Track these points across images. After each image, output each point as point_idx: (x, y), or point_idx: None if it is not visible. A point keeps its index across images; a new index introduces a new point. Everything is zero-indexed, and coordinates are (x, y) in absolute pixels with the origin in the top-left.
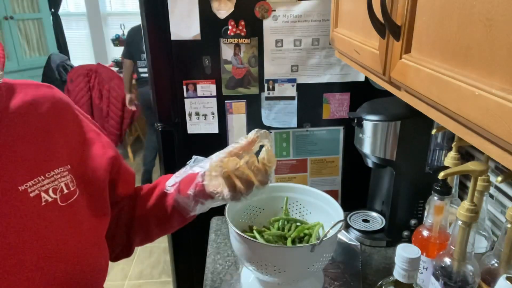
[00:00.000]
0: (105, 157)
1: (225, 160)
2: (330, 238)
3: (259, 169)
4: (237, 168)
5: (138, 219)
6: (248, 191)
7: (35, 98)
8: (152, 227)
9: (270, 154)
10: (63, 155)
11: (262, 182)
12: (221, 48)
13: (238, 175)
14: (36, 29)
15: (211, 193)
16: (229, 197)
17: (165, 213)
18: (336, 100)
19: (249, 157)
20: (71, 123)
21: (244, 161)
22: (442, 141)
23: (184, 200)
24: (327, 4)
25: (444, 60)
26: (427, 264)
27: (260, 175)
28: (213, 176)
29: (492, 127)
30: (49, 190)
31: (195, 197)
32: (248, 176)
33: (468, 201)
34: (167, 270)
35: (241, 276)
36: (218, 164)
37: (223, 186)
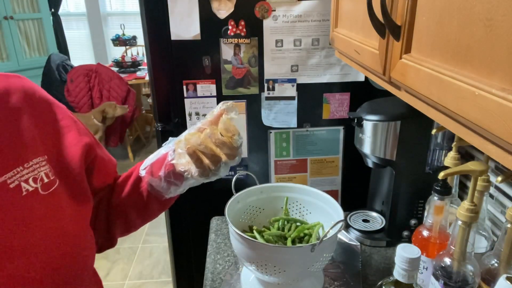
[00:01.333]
0: (79, 144)
1: (185, 137)
2: (330, 238)
3: (223, 142)
4: (199, 143)
5: (115, 208)
6: (217, 167)
7: (5, 89)
8: (131, 215)
9: (227, 123)
10: (39, 146)
11: (229, 156)
12: (221, 48)
13: (202, 150)
14: (36, 29)
15: (180, 172)
16: (197, 174)
17: (142, 199)
18: (336, 100)
19: (210, 129)
20: (44, 112)
21: (204, 134)
22: (442, 141)
23: (157, 183)
24: (327, 4)
25: (444, 60)
26: (427, 264)
27: (226, 148)
28: (180, 154)
29: (492, 127)
30: (29, 180)
31: (166, 178)
32: (212, 150)
33: (468, 201)
34: (167, 270)
35: (241, 276)
36: (182, 140)
37: (190, 163)
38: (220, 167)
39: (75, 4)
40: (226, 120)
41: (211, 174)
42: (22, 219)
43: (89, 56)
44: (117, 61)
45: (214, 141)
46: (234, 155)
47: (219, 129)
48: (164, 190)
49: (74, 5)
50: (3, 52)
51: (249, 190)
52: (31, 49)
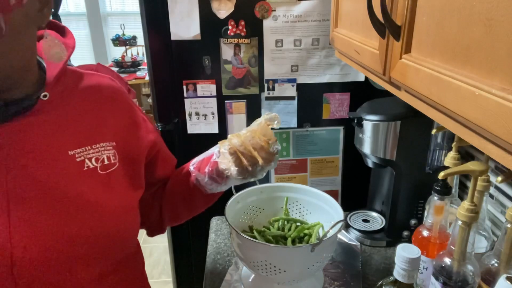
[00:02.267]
0: (145, 140)
1: (229, 138)
2: (330, 238)
3: (260, 145)
4: (240, 144)
5: (167, 197)
6: (254, 169)
7: (98, 84)
8: (178, 204)
9: (265, 128)
10: (110, 133)
11: (265, 160)
12: (221, 48)
13: (242, 151)
14: None
15: (222, 170)
16: (236, 173)
17: (188, 191)
18: (336, 100)
19: (250, 133)
20: (124, 109)
21: (244, 136)
22: (442, 141)
23: (201, 177)
24: (327, 4)
25: (444, 60)
26: (427, 264)
27: (263, 152)
28: (223, 153)
29: (492, 127)
30: (92, 158)
31: (210, 174)
32: (250, 152)
33: (468, 201)
34: (167, 270)
35: (241, 276)
36: (225, 141)
37: (231, 162)
38: (257, 169)
39: (75, 4)
40: (264, 125)
41: (248, 175)
42: (79, 190)
43: (89, 56)
44: (117, 61)
45: (252, 144)
46: (270, 159)
47: (257, 133)
48: (207, 186)
49: (74, 5)
50: None
51: (249, 190)
52: None
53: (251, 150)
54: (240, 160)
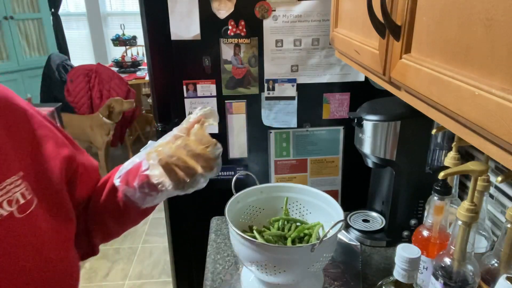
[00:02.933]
0: (59, 157)
1: (156, 147)
2: (330, 238)
3: (197, 154)
4: (171, 154)
5: (93, 216)
6: (192, 179)
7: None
8: (109, 223)
9: (199, 134)
10: (13, 162)
11: (205, 168)
12: (221, 48)
13: (174, 162)
14: (36, 29)
15: (154, 184)
16: (171, 187)
17: (118, 208)
18: (336, 100)
19: (182, 140)
20: (18, 121)
21: (176, 145)
22: (442, 141)
23: (131, 193)
24: (327, 4)
25: (444, 60)
26: (427, 264)
27: (200, 159)
28: (154, 164)
29: (492, 127)
30: (3, 203)
31: (141, 189)
32: (186, 162)
33: (468, 201)
34: (167, 270)
35: (241, 276)
36: (152, 151)
37: (164, 175)
38: (196, 180)
39: (75, 4)
40: (198, 130)
41: (187, 187)
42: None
43: (89, 56)
44: (117, 61)
45: (187, 152)
46: (211, 166)
47: (190, 141)
48: (140, 201)
49: (74, 5)
50: (3, 52)
51: (249, 190)
52: (31, 49)
53: (187, 160)
54: (174, 171)
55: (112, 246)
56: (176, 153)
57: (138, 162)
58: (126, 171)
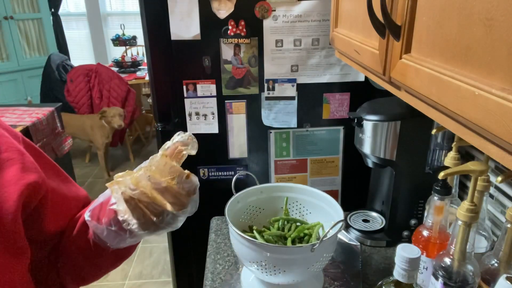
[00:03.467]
0: (20, 183)
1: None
2: (330, 238)
3: (164, 187)
4: (133, 188)
5: (63, 254)
6: (159, 219)
7: None
8: (80, 264)
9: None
10: None
11: (176, 205)
12: (221, 48)
13: (138, 196)
14: (36, 29)
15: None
16: (137, 227)
17: (89, 247)
18: (336, 100)
19: (144, 170)
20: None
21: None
22: (442, 141)
23: (99, 231)
24: (327, 4)
25: (444, 60)
26: (427, 264)
27: (169, 194)
28: (118, 198)
29: (492, 127)
30: None
31: (108, 226)
32: (151, 199)
33: (468, 201)
34: (167, 270)
35: (241, 276)
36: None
37: (127, 212)
38: (165, 220)
39: (75, 4)
40: (160, 158)
41: (154, 228)
42: None
43: (89, 56)
44: (117, 61)
45: (152, 185)
46: (183, 203)
47: (153, 171)
48: (109, 241)
49: (74, 5)
50: (3, 52)
51: (249, 190)
52: (31, 49)
53: (154, 195)
54: (139, 208)
55: None
56: (139, 186)
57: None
58: (99, 203)
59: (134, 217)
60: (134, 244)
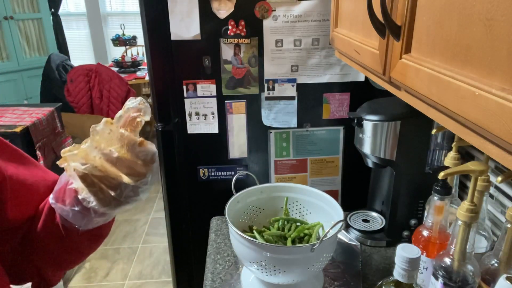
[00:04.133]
0: None
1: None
2: (330, 238)
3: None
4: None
5: (35, 241)
6: (117, 192)
7: None
8: (54, 250)
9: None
10: None
11: (134, 175)
12: (221, 48)
13: (90, 170)
14: (36, 29)
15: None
16: (96, 204)
17: (59, 232)
18: (336, 100)
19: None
20: None
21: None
22: (442, 141)
23: (64, 212)
24: (327, 4)
25: (444, 60)
26: (427, 264)
27: (123, 165)
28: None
29: (492, 127)
30: None
31: (71, 206)
32: (104, 172)
33: (468, 201)
34: (167, 270)
35: (241, 276)
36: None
37: (84, 189)
38: (124, 192)
39: (75, 4)
40: (104, 125)
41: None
42: None
43: (89, 56)
44: (117, 61)
45: (103, 157)
46: (140, 173)
47: (100, 141)
48: (77, 222)
49: (74, 5)
50: (3, 52)
51: (249, 190)
52: (31, 49)
53: (106, 168)
54: (95, 184)
55: (112, 246)
56: (89, 159)
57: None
58: (62, 184)
59: (92, 194)
60: (105, 223)
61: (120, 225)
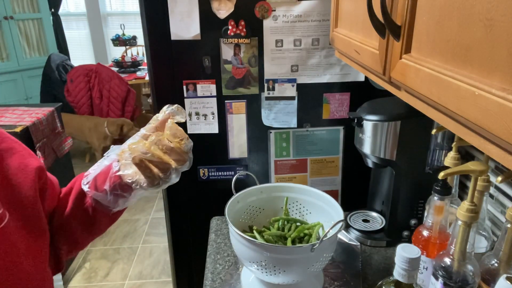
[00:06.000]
0: (28, 169)
1: (129, 146)
2: (330, 238)
3: (171, 148)
4: (145, 151)
5: (59, 229)
6: (166, 174)
7: None
8: (77, 233)
9: (174, 128)
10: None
11: (179, 162)
12: (221, 48)
13: (149, 158)
14: (36, 29)
15: (128, 183)
16: (146, 184)
17: (87, 215)
18: (336, 100)
19: (155, 136)
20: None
21: (150, 142)
22: (442, 141)
23: (102, 197)
24: (327, 4)
25: (444, 60)
26: (427, 264)
27: (174, 154)
28: (126, 164)
29: (492, 127)
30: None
31: (113, 191)
32: (160, 158)
33: (468, 201)
34: (167, 270)
35: (241, 276)
36: (125, 150)
37: (138, 173)
38: (171, 174)
39: (75, 4)
40: (172, 125)
41: (162, 182)
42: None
43: (89, 56)
44: (117, 61)
45: (161, 148)
46: (184, 160)
47: (165, 135)
48: (112, 204)
49: (74, 5)
50: (3, 52)
51: (249, 190)
52: (31, 49)
53: (161, 156)
54: (149, 168)
55: (112, 246)
56: (150, 150)
57: (107, 165)
58: (94, 175)
59: (144, 176)
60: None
61: (120, 225)
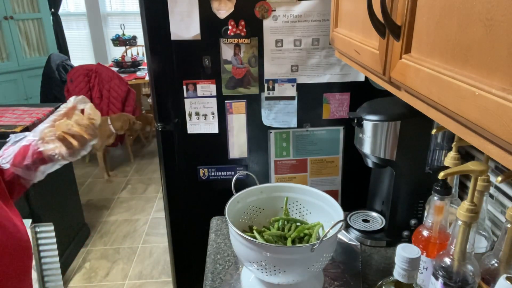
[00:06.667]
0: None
1: (56, 125)
2: (330, 238)
3: (87, 125)
4: (69, 128)
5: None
6: (83, 146)
7: None
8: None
9: (93, 109)
10: None
11: (93, 136)
12: (221, 48)
13: (71, 134)
14: (36, 29)
15: (49, 157)
16: (67, 154)
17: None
18: (336, 100)
19: (78, 116)
20: None
21: (73, 120)
22: (442, 141)
23: (24, 172)
24: (327, 4)
25: (444, 60)
26: (427, 264)
27: (90, 129)
28: (49, 140)
29: (492, 127)
30: None
31: (33, 165)
32: (79, 133)
33: (468, 201)
34: (167, 270)
35: (241, 276)
36: (50, 130)
37: (60, 147)
38: (85, 146)
39: (75, 4)
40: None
41: (77, 153)
42: None
43: (89, 56)
44: (117, 61)
45: (80, 126)
46: (96, 135)
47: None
48: (32, 177)
49: (74, 5)
50: (3, 52)
51: (249, 190)
52: (31, 49)
53: (80, 131)
54: (68, 141)
55: (112, 246)
56: (74, 126)
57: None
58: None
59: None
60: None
61: (120, 225)
